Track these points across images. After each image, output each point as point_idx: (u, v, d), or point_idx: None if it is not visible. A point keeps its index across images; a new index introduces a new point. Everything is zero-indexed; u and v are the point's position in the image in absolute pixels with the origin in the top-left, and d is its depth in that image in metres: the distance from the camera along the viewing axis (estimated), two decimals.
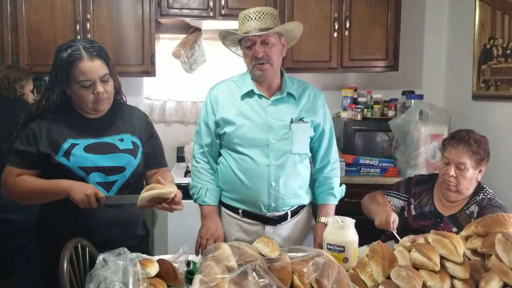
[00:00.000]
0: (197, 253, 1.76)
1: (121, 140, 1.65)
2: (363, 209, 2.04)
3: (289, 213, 1.84)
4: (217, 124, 1.83)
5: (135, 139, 1.68)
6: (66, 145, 1.56)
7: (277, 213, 1.82)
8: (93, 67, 1.53)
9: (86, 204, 1.48)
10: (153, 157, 1.76)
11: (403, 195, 2.03)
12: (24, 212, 2.38)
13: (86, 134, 1.60)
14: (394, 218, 1.78)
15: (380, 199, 2.03)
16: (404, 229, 1.86)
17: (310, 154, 1.90)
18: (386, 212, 1.83)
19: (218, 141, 1.86)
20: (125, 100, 1.74)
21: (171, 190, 1.50)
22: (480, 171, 1.87)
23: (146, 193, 1.49)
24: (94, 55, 1.54)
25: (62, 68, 1.53)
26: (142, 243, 1.74)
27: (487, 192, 1.88)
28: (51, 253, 1.49)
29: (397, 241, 1.64)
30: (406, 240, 1.54)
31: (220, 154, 1.90)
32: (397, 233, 1.75)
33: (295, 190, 1.83)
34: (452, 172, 1.83)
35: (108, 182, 1.60)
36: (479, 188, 1.90)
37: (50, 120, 1.59)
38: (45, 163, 1.57)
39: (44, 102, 1.59)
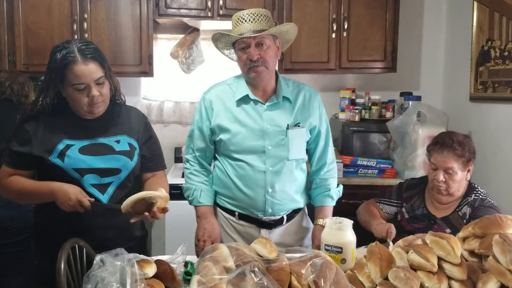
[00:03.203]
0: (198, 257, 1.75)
1: (118, 141, 1.63)
2: (359, 220, 2.05)
3: (285, 218, 1.84)
4: (212, 131, 1.81)
5: (132, 140, 1.67)
6: (60, 146, 1.55)
7: (273, 217, 1.81)
8: (87, 70, 1.51)
9: (73, 210, 1.48)
10: (150, 160, 1.74)
11: (395, 201, 2.04)
12: (11, 210, 2.33)
13: (82, 135, 1.59)
14: (394, 230, 1.81)
15: (375, 211, 2.05)
16: (398, 232, 1.86)
17: (306, 158, 1.90)
18: (386, 225, 1.85)
19: (213, 146, 1.85)
20: (123, 101, 1.72)
21: (157, 193, 1.46)
22: (468, 171, 1.88)
23: (130, 197, 1.45)
24: (88, 58, 1.52)
25: (56, 71, 1.52)
26: (140, 245, 1.73)
27: (479, 192, 1.89)
28: (47, 254, 1.49)
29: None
30: (399, 243, 1.54)
31: (215, 158, 1.89)
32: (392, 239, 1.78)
33: (291, 196, 1.82)
34: (441, 177, 1.84)
35: (103, 184, 1.59)
36: (471, 188, 1.91)
37: (45, 121, 1.58)
38: (39, 164, 1.57)
39: (39, 103, 1.57)
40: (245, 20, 1.69)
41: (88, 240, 1.54)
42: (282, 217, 1.83)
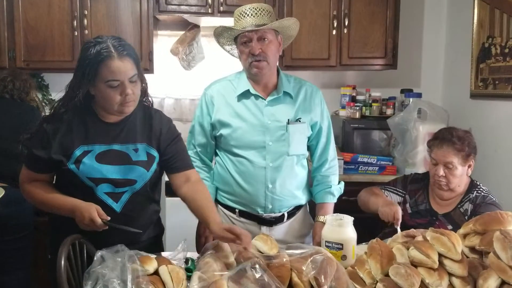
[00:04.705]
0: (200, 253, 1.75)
1: (136, 150, 1.57)
2: (360, 203, 2.04)
3: (286, 215, 1.84)
4: (213, 126, 1.81)
5: (151, 150, 1.60)
6: (78, 152, 1.51)
7: (273, 214, 1.81)
8: (123, 67, 1.45)
9: (90, 229, 1.46)
10: (175, 160, 1.65)
11: (400, 190, 2.04)
12: (10, 207, 2.31)
13: (101, 139, 1.54)
14: (401, 214, 1.77)
15: (378, 192, 2.03)
16: (401, 227, 1.86)
17: (307, 154, 1.89)
18: (393, 206, 1.81)
19: (214, 142, 1.85)
20: (151, 103, 1.67)
21: None
22: (469, 166, 1.88)
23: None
24: (124, 55, 1.46)
25: (90, 66, 1.45)
26: (154, 243, 1.69)
27: (481, 189, 1.89)
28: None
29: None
30: (399, 236, 1.54)
31: (216, 154, 1.89)
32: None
33: (292, 192, 1.82)
34: (441, 172, 1.84)
35: (117, 193, 1.55)
36: (472, 185, 1.91)
37: (66, 123, 1.53)
38: (57, 167, 1.54)
39: (67, 100, 1.52)
40: (248, 15, 1.70)
41: (97, 242, 1.49)
42: (283, 214, 1.83)
